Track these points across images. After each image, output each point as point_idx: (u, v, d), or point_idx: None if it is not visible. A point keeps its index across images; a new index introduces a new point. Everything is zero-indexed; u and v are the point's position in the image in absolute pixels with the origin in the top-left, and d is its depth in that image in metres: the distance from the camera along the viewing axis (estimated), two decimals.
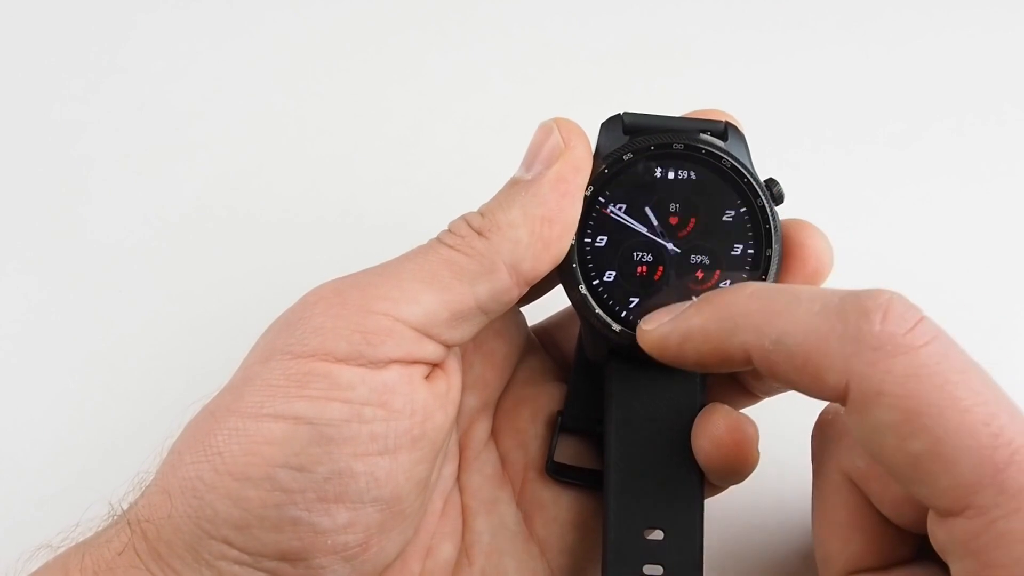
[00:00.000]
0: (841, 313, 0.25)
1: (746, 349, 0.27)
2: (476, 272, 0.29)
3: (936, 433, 0.23)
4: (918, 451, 0.23)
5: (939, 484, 0.23)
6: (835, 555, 0.28)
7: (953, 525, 0.23)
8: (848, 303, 0.25)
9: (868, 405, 0.24)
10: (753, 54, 0.50)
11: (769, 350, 0.26)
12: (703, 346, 0.28)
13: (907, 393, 0.23)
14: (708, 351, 0.28)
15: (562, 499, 0.33)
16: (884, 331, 0.24)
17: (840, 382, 0.24)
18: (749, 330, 0.26)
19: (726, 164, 0.31)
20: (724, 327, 0.27)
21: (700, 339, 0.28)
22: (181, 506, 0.27)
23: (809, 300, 0.26)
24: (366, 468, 0.27)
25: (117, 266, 0.45)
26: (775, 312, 0.26)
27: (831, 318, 0.25)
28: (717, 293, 0.28)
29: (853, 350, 0.24)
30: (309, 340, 0.28)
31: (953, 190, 0.46)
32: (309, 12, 0.51)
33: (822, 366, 0.25)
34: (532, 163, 0.30)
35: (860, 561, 0.28)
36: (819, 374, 0.25)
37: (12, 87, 0.49)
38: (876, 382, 0.24)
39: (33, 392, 0.42)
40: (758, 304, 0.27)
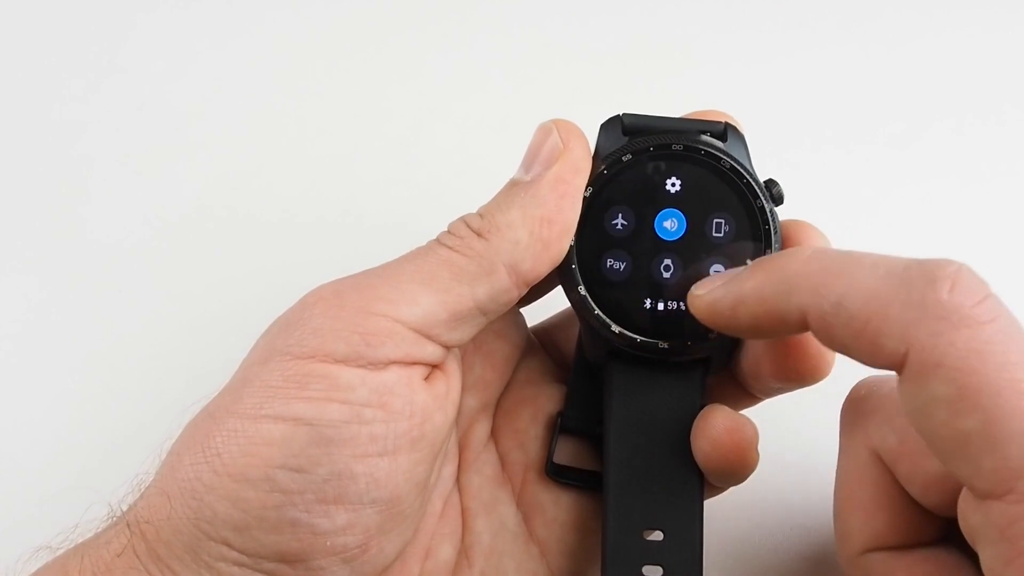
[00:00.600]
0: (906, 279, 0.24)
1: (803, 311, 0.26)
2: (475, 273, 0.29)
3: (990, 413, 0.22)
4: (969, 428, 0.22)
5: (984, 465, 0.23)
6: (856, 531, 0.28)
7: (991, 508, 0.23)
8: (914, 270, 0.24)
9: (925, 376, 0.23)
10: (753, 54, 0.49)
11: (827, 312, 0.25)
12: (758, 308, 0.27)
13: (967, 368, 0.22)
14: (763, 314, 0.27)
15: (562, 500, 0.33)
16: (951, 301, 0.23)
17: (899, 350, 0.24)
18: (807, 292, 0.26)
19: (725, 165, 0.31)
20: (780, 289, 0.26)
21: (755, 301, 0.27)
22: (180, 507, 0.27)
23: (872, 265, 0.25)
24: (365, 469, 0.27)
25: (117, 266, 0.45)
26: (836, 274, 0.25)
27: (895, 283, 0.24)
28: (771, 257, 0.28)
29: (916, 317, 0.23)
30: (308, 341, 0.28)
31: (953, 190, 0.46)
32: (309, 12, 0.51)
33: (882, 332, 0.24)
34: (531, 164, 0.30)
35: (881, 539, 0.27)
36: (878, 340, 0.24)
37: (12, 87, 0.49)
38: (937, 353, 0.23)
39: (33, 392, 0.42)
40: (817, 266, 0.26)
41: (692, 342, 0.31)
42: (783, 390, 0.31)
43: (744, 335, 0.29)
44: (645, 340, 0.31)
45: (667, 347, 0.31)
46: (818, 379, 0.30)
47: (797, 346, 0.29)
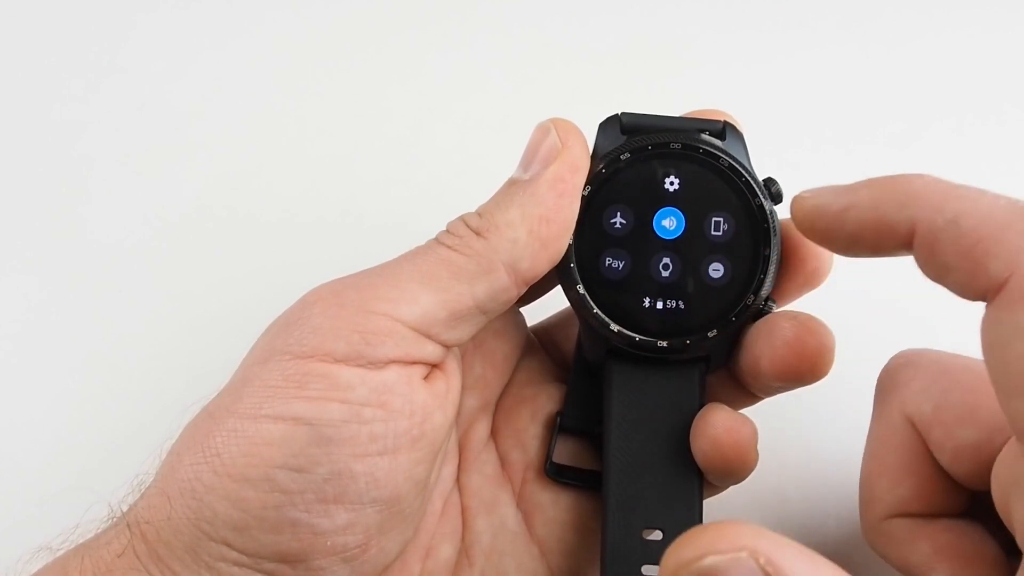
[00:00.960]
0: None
1: (913, 224, 0.25)
2: (474, 272, 0.29)
3: None
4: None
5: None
6: (882, 496, 0.28)
7: None
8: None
9: (1019, 302, 0.23)
10: (753, 54, 0.49)
11: (940, 227, 0.24)
12: (868, 215, 0.26)
13: None
14: (871, 221, 0.26)
15: (562, 500, 0.33)
16: None
17: (1003, 273, 0.23)
18: (924, 206, 0.25)
19: (724, 163, 0.31)
20: (898, 199, 0.26)
21: (867, 207, 0.26)
22: (180, 508, 0.27)
23: (995, 196, 0.24)
24: (365, 469, 0.27)
25: (117, 266, 0.45)
26: (956, 196, 0.25)
27: (1017, 212, 0.24)
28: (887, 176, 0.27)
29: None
30: (308, 340, 0.28)
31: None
32: (309, 12, 0.51)
33: (991, 252, 0.23)
34: (530, 163, 0.31)
35: (906, 505, 0.28)
36: (985, 260, 0.23)
37: (12, 87, 0.49)
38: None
39: (33, 392, 0.42)
40: (938, 187, 0.25)
41: (691, 340, 0.31)
42: (783, 389, 0.31)
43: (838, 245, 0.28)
44: (644, 339, 0.31)
45: (666, 345, 0.31)
46: (818, 378, 0.30)
47: (797, 344, 0.29)
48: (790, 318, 0.30)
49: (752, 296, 0.31)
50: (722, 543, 0.21)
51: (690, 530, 0.22)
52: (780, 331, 0.30)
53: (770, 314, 0.31)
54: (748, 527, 0.21)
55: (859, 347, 0.31)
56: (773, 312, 0.31)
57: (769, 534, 0.21)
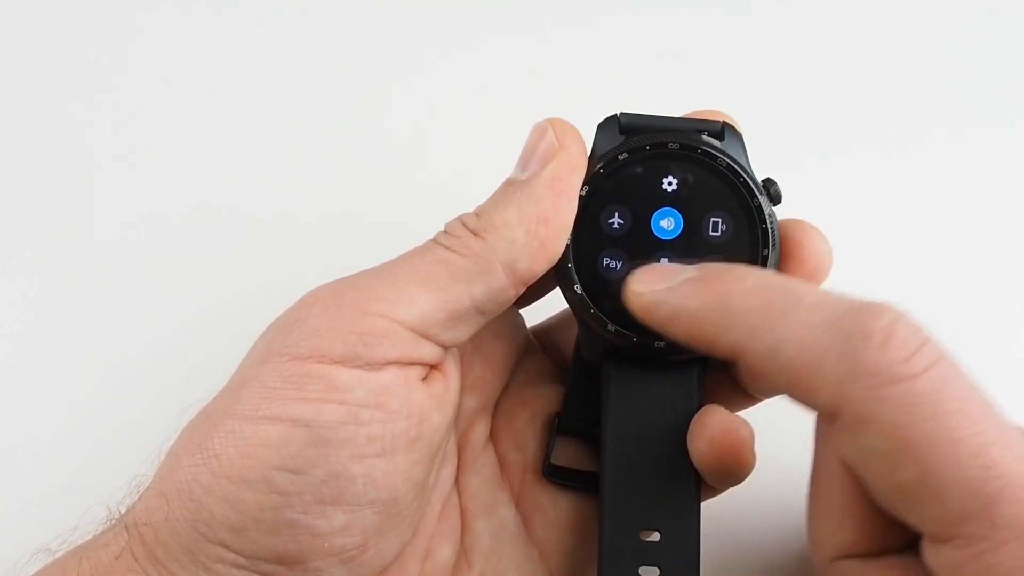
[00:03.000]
0: (841, 331, 0.24)
1: (738, 348, 0.26)
2: (472, 272, 0.29)
3: (926, 464, 0.23)
4: (907, 480, 0.23)
5: (927, 513, 0.23)
6: (827, 539, 0.28)
7: (941, 552, 0.23)
8: (849, 320, 0.24)
9: (859, 430, 0.24)
10: (752, 55, 0.49)
11: (763, 356, 0.25)
12: (692, 330, 0.27)
13: (900, 423, 0.23)
14: (696, 336, 0.27)
15: (561, 501, 0.33)
16: (883, 358, 0.23)
17: (832, 403, 0.24)
18: (744, 329, 0.26)
19: (722, 164, 0.31)
20: (719, 320, 0.26)
21: (690, 323, 0.27)
22: (178, 509, 0.27)
23: (810, 308, 0.25)
24: (363, 470, 0.27)
25: (117, 266, 0.45)
26: (774, 316, 0.25)
27: (830, 335, 0.24)
28: (718, 276, 0.27)
29: (848, 373, 0.23)
30: (305, 342, 0.28)
31: (954, 192, 0.46)
32: (309, 12, 0.51)
33: (815, 384, 0.24)
34: (527, 163, 0.30)
35: (851, 547, 0.27)
36: (811, 391, 0.24)
37: (12, 87, 0.49)
38: (868, 409, 0.23)
39: (32, 392, 0.42)
40: (758, 302, 0.26)
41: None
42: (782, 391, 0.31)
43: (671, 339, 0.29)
44: (641, 339, 0.31)
45: (663, 346, 0.31)
46: None
47: None
48: None
49: None
50: None
51: None
52: None
53: None
54: None
55: None
56: None
57: None
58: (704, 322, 0.27)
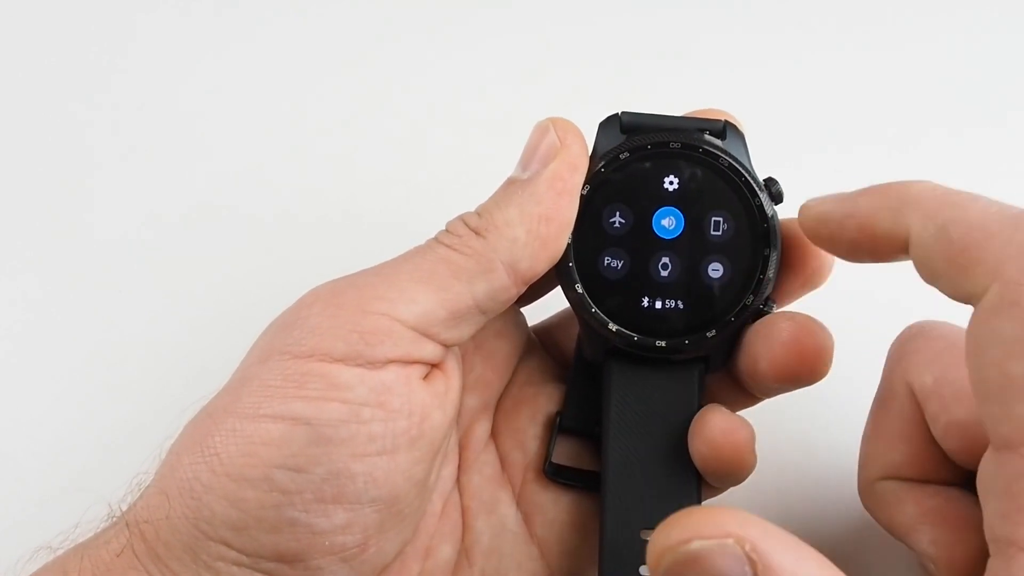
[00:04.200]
0: (1016, 221, 0.24)
1: (908, 232, 0.26)
2: (474, 271, 0.29)
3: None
4: (1017, 373, 0.22)
5: (1016, 412, 0.22)
6: (876, 458, 0.29)
7: (1005, 460, 0.23)
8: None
9: (999, 311, 0.23)
10: (754, 54, 0.49)
11: (930, 235, 0.25)
12: (867, 222, 0.27)
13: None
14: (869, 229, 0.27)
15: (562, 500, 0.33)
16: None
17: (985, 282, 0.23)
18: (918, 212, 0.26)
19: (724, 163, 0.31)
20: (893, 207, 0.26)
21: (866, 214, 0.27)
22: (179, 507, 0.27)
23: (986, 203, 0.25)
24: (364, 468, 0.27)
25: (117, 266, 0.45)
26: (949, 203, 0.25)
27: (1004, 222, 0.24)
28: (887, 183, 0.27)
29: (1013, 255, 0.23)
30: (307, 340, 0.28)
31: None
32: (310, 12, 0.51)
33: (976, 259, 0.24)
34: (529, 162, 0.30)
35: (897, 469, 0.28)
36: (969, 267, 0.24)
37: (13, 87, 0.49)
38: (1018, 293, 0.23)
39: (33, 392, 0.42)
40: (933, 193, 0.26)
41: (690, 341, 0.31)
42: (781, 390, 0.31)
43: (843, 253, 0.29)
44: (642, 338, 0.31)
45: (664, 345, 0.31)
46: (816, 379, 0.30)
47: (795, 345, 0.29)
48: (789, 319, 0.30)
49: (751, 296, 0.31)
50: (708, 528, 0.21)
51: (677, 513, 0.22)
52: (779, 332, 0.30)
53: (769, 315, 0.31)
54: (736, 514, 0.21)
55: (859, 348, 0.31)
56: (772, 313, 0.31)
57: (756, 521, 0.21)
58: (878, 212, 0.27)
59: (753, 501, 0.37)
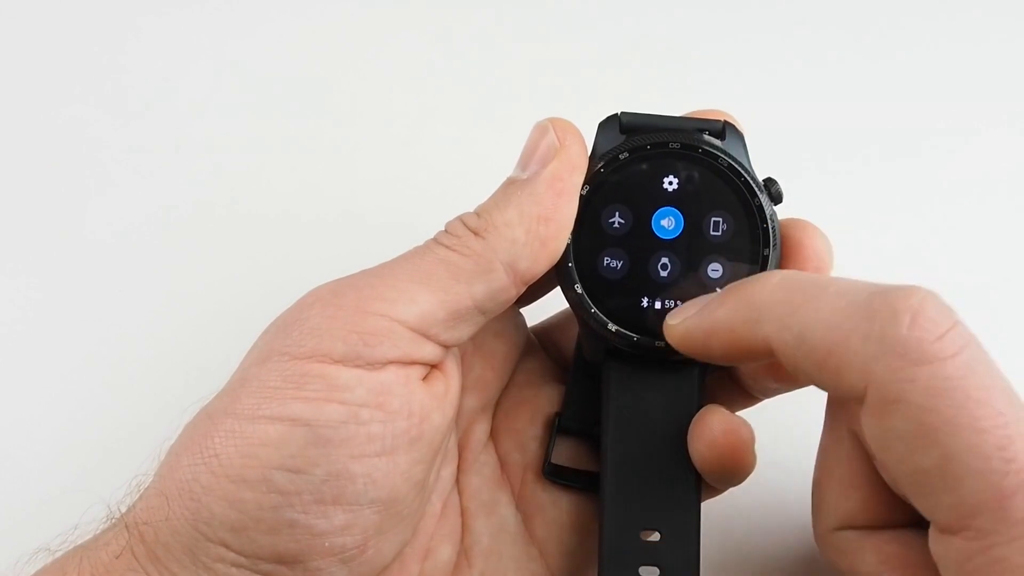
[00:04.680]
0: (868, 311, 0.24)
1: (768, 341, 0.26)
2: (473, 272, 0.29)
3: (947, 450, 0.22)
4: (927, 465, 0.23)
5: (941, 501, 0.23)
6: (830, 508, 0.28)
7: (950, 543, 0.23)
8: (877, 301, 0.24)
9: (885, 411, 0.23)
10: (754, 54, 0.49)
11: (790, 344, 0.25)
12: (728, 338, 0.27)
13: (926, 405, 0.22)
14: (733, 343, 0.27)
15: (561, 501, 0.33)
16: (911, 336, 0.23)
17: (859, 384, 0.24)
18: (772, 322, 0.26)
19: (723, 163, 0.31)
20: (748, 318, 0.27)
21: (725, 332, 0.27)
22: (178, 509, 0.27)
23: (836, 294, 0.25)
24: (363, 469, 0.27)
25: (117, 266, 0.45)
26: (799, 304, 0.25)
27: (857, 316, 0.24)
28: (743, 283, 0.28)
29: (876, 353, 0.23)
30: (306, 341, 0.28)
31: (954, 192, 0.46)
32: (310, 12, 0.51)
33: (842, 366, 0.24)
34: (528, 162, 0.30)
35: (854, 518, 0.28)
36: (839, 374, 0.24)
37: (13, 87, 0.49)
38: (896, 390, 0.23)
39: (33, 392, 0.42)
40: (783, 295, 0.26)
41: None
42: (781, 390, 0.31)
43: (720, 363, 0.29)
44: (642, 339, 0.31)
45: (664, 346, 0.31)
46: None
47: None
48: None
49: None
50: None
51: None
52: None
53: None
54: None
55: None
56: None
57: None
58: (736, 327, 0.27)
59: (752, 502, 0.37)
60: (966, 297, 0.42)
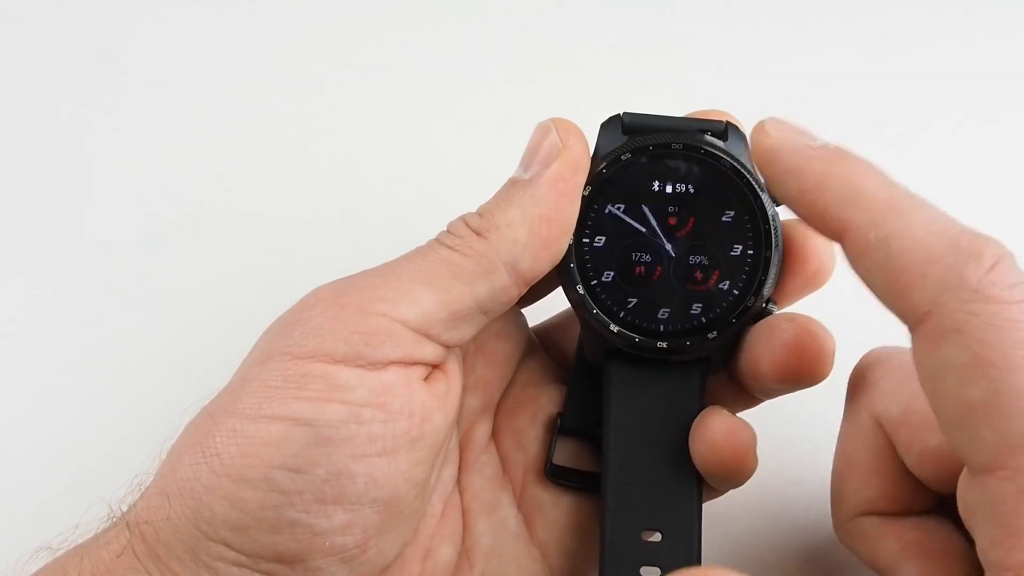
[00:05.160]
0: (956, 243, 0.24)
1: (848, 228, 0.26)
2: (475, 272, 0.29)
3: (999, 385, 0.22)
4: (974, 398, 0.23)
5: (983, 437, 0.23)
6: (850, 495, 0.28)
7: (984, 484, 0.23)
8: (966, 238, 0.24)
9: (943, 339, 0.23)
10: (754, 54, 0.49)
11: (871, 243, 0.25)
12: (808, 193, 0.27)
13: (983, 339, 0.23)
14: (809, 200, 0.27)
15: (563, 502, 0.33)
16: (987, 278, 0.23)
17: (924, 307, 0.24)
18: (864, 212, 0.25)
19: (725, 164, 0.31)
20: (842, 194, 0.26)
21: (812, 185, 0.27)
22: (179, 508, 0.27)
23: (932, 218, 0.25)
24: (364, 469, 0.27)
25: (117, 266, 0.45)
26: (897, 210, 0.25)
27: (945, 244, 0.24)
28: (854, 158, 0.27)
29: (951, 282, 0.23)
30: (307, 341, 0.28)
31: (953, 191, 0.46)
32: (309, 12, 0.51)
33: (915, 284, 0.24)
34: (530, 163, 0.30)
35: (874, 504, 0.28)
36: (908, 290, 0.24)
37: (14, 88, 0.49)
38: (959, 319, 0.23)
39: (33, 392, 0.42)
40: (886, 194, 0.26)
41: (691, 342, 0.31)
42: (783, 391, 0.31)
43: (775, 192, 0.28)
44: (643, 339, 0.31)
45: (665, 347, 0.31)
46: (818, 380, 0.30)
47: (796, 347, 0.29)
48: (790, 320, 0.30)
49: (753, 298, 0.31)
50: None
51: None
52: (780, 333, 0.29)
53: (771, 316, 0.31)
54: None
55: (860, 349, 0.31)
56: (774, 314, 0.31)
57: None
58: (827, 189, 0.26)
59: (753, 504, 0.37)
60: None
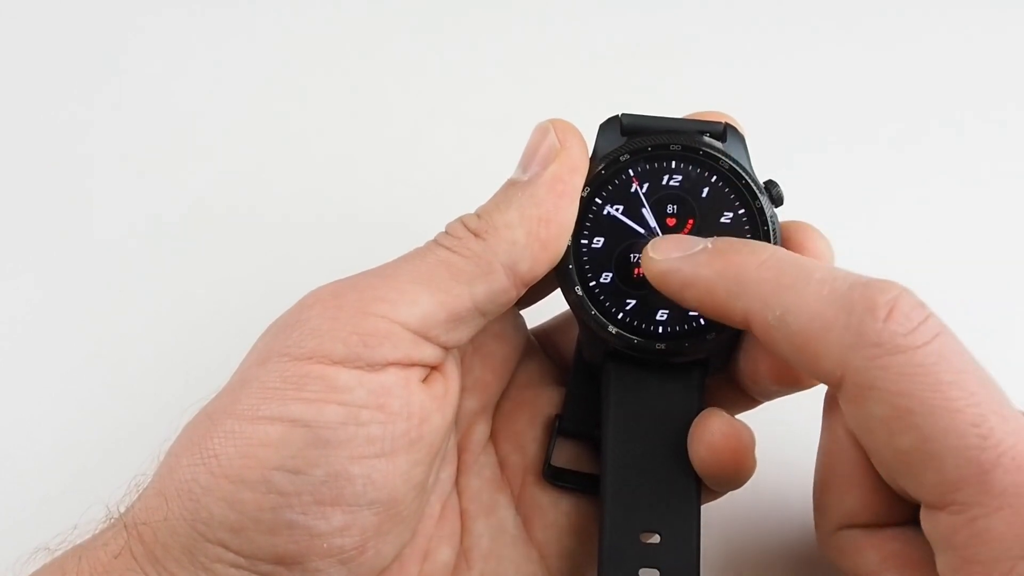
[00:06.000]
0: (847, 303, 0.25)
1: (747, 315, 0.27)
2: (473, 273, 0.29)
3: (924, 431, 0.23)
4: (906, 447, 0.24)
5: (925, 479, 0.24)
6: (832, 508, 0.29)
7: (937, 518, 0.24)
8: (856, 293, 0.25)
9: (861, 397, 0.25)
10: (754, 55, 0.49)
11: (771, 324, 0.26)
12: (704, 297, 0.28)
13: (900, 391, 0.24)
14: (707, 303, 0.28)
15: (561, 503, 0.33)
16: (886, 329, 0.24)
17: (836, 371, 0.25)
18: (755, 299, 0.27)
19: (724, 165, 0.31)
20: (730, 288, 0.27)
21: (703, 290, 0.28)
22: (177, 509, 0.27)
23: (819, 281, 0.26)
24: (362, 471, 0.27)
25: (117, 266, 0.45)
26: (784, 287, 0.26)
27: (837, 306, 0.25)
28: (731, 249, 0.28)
29: (853, 342, 0.24)
30: (306, 342, 0.28)
31: (954, 191, 0.46)
32: (309, 12, 0.51)
33: (820, 352, 0.25)
34: (528, 164, 0.30)
35: (853, 516, 0.28)
36: (816, 359, 0.25)
37: (14, 88, 0.49)
38: (870, 377, 0.24)
39: (33, 392, 0.42)
40: (769, 274, 0.27)
41: (689, 343, 0.31)
42: (781, 393, 0.31)
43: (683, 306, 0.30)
44: (642, 341, 0.31)
45: (664, 348, 0.31)
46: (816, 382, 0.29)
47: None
48: None
49: None
50: None
51: None
52: None
53: None
54: None
55: None
56: None
57: None
58: (717, 290, 0.28)
59: (752, 505, 0.37)
60: (960, 293, 0.43)
